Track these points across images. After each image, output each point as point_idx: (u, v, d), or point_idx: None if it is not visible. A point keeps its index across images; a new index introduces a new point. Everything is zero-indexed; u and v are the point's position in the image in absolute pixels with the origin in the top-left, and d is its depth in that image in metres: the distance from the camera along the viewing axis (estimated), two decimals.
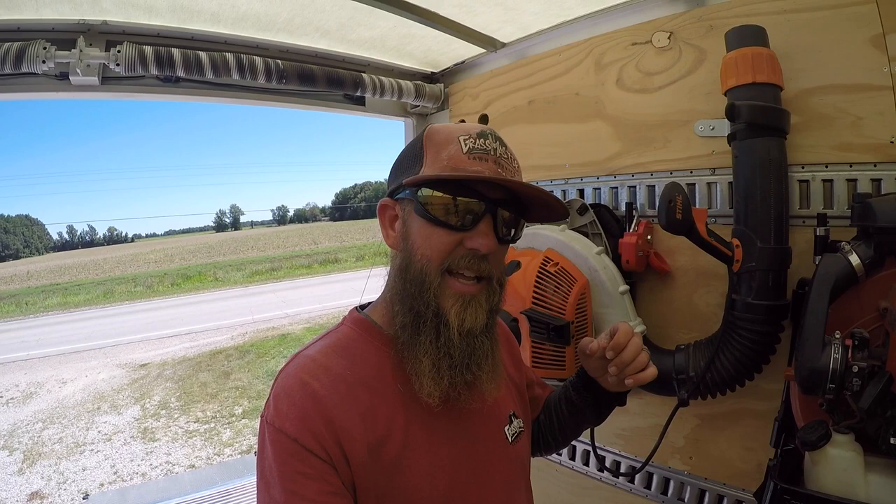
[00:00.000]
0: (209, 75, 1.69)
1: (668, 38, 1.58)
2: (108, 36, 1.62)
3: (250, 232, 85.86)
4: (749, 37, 1.32)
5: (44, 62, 1.47)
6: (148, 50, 1.59)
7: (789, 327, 1.32)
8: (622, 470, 1.79)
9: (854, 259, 1.10)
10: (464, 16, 1.80)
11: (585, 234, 1.65)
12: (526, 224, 0.90)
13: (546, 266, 1.49)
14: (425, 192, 0.80)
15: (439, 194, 0.79)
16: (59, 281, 29.91)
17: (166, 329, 13.76)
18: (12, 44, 1.44)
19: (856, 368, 0.98)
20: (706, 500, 1.62)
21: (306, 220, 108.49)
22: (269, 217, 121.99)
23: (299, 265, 27.63)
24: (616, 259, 1.59)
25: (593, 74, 1.77)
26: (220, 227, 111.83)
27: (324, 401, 0.76)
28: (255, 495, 0.76)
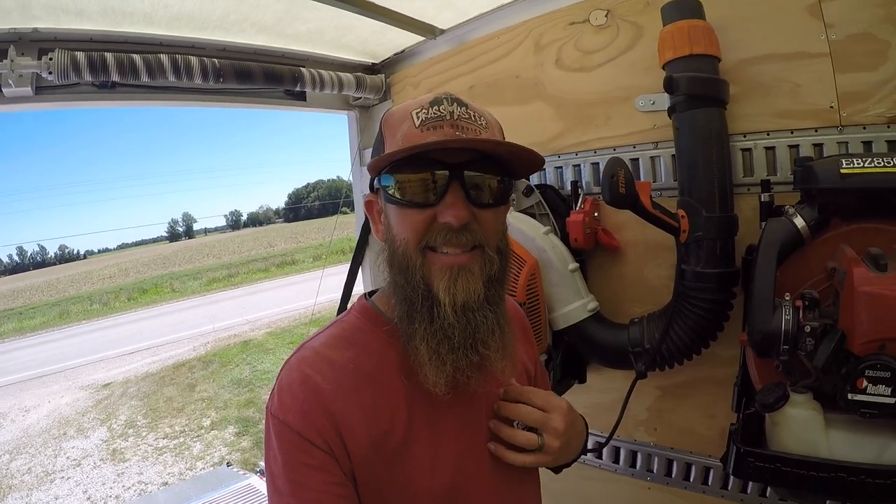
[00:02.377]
0: (144, 79, 1.62)
1: (606, 15, 1.59)
2: (40, 44, 1.56)
3: (205, 239, 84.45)
4: (685, 10, 1.34)
5: None
6: (80, 56, 1.50)
7: (741, 294, 1.34)
8: (589, 447, 1.80)
9: (799, 222, 1.12)
10: (400, 3, 1.77)
11: (532, 216, 1.65)
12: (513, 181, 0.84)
13: None
14: (387, 177, 0.77)
15: (401, 175, 0.76)
16: (13, 306, 28.77)
17: (126, 346, 13.47)
18: None
19: (808, 329, 1.00)
20: (674, 468, 1.65)
21: (261, 223, 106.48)
22: (223, 223, 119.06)
23: (256, 269, 27.35)
24: (564, 238, 1.59)
25: (532, 56, 1.77)
26: (173, 236, 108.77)
27: (325, 394, 0.74)
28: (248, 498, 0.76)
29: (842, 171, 1.02)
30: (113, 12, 1.57)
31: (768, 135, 1.37)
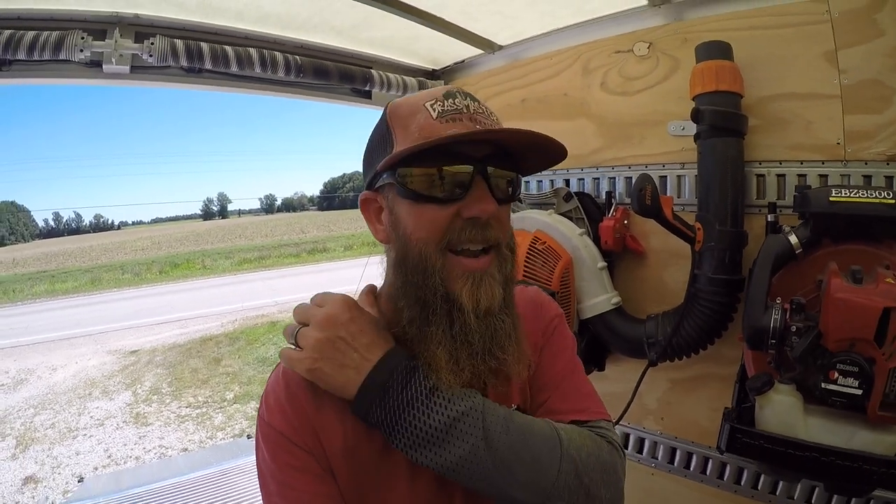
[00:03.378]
0: (234, 68, 1.82)
1: (648, 47, 1.79)
2: (137, 28, 1.73)
3: (238, 220, 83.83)
4: (714, 51, 1.54)
5: (81, 51, 1.57)
6: (179, 43, 1.71)
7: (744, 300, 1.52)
8: None
9: (793, 238, 1.32)
10: (466, 21, 1.98)
11: (570, 219, 1.86)
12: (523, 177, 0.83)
13: (535, 244, 1.71)
14: (405, 171, 0.73)
15: (421, 169, 0.72)
16: (47, 268, 29.19)
17: (155, 316, 13.55)
18: (51, 32, 1.53)
19: (794, 328, 1.20)
20: (677, 456, 1.84)
21: (294, 210, 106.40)
22: (257, 206, 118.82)
23: (287, 254, 27.26)
24: (596, 240, 1.80)
25: (580, 78, 1.97)
26: (207, 214, 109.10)
27: (300, 398, 0.76)
28: (251, 476, 0.82)
29: (831, 198, 1.23)
30: (209, 7, 1.75)
31: (781, 164, 1.56)
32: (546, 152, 0.77)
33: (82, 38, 1.58)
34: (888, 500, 1.39)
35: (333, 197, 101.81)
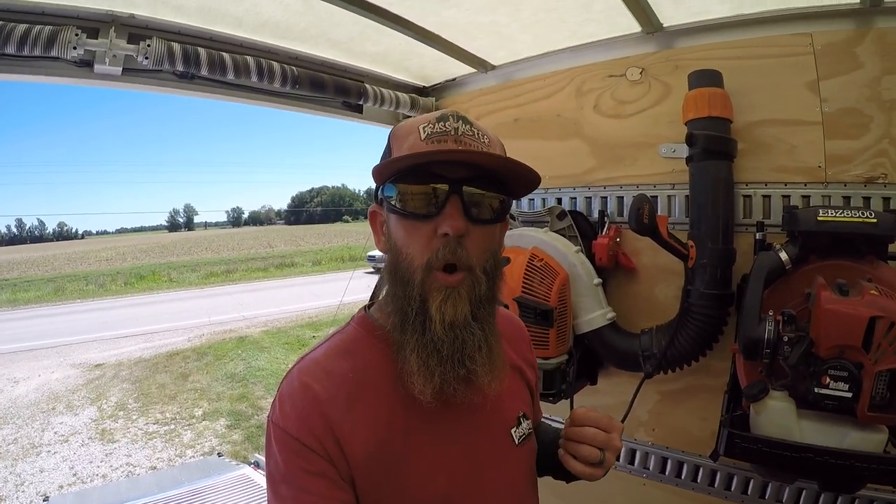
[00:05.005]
0: (231, 76, 1.79)
1: (640, 73, 1.87)
2: (131, 29, 1.67)
3: (204, 233, 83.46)
4: (707, 78, 1.62)
5: (74, 48, 1.50)
6: (176, 47, 1.65)
7: (734, 314, 1.60)
8: None
9: (783, 255, 1.39)
10: (464, 39, 2.03)
11: (563, 237, 1.90)
12: (511, 201, 0.87)
13: (533, 261, 1.74)
14: (391, 187, 0.79)
15: (403, 186, 0.78)
16: (8, 277, 28.29)
17: (121, 329, 13.32)
18: (44, 27, 1.46)
19: (786, 338, 1.26)
20: (668, 466, 1.88)
21: (261, 223, 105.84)
22: (224, 218, 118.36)
23: (255, 268, 27.24)
24: (590, 257, 1.85)
25: (574, 99, 2.04)
26: (173, 226, 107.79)
27: (324, 404, 0.77)
28: (224, 496, 0.81)
29: (818, 217, 1.31)
30: (208, 11, 1.72)
31: (766, 185, 1.65)
32: (520, 176, 0.81)
33: (76, 34, 1.51)
34: (871, 499, 1.49)
35: (301, 211, 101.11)
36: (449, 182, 0.76)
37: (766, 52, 1.64)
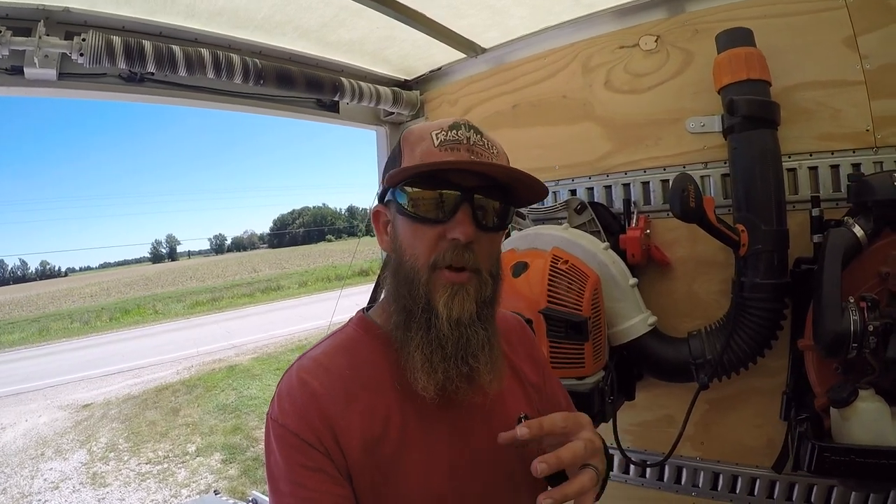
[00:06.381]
0: (182, 72, 1.55)
1: (656, 41, 1.67)
2: (68, 26, 1.46)
3: (188, 262, 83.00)
4: (738, 38, 1.44)
5: None
6: (116, 40, 1.42)
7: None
8: (636, 463, 1.77)
9: (858, 231, 1.22)
10: (451, 18, 1.81)
11: (587, 232, 1.67)
12: (515, 209, 0.90)
13: (557, 264, 1.47)
14: (402, 191, 0.81)
15: (415, 190, 0.81)
16: None
17: (107, 366, 13.02)
18: None
19: (871, 328, 1.08)
20: (720, 482, 1.67)
21: (245, 248, 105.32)
22: (207, 246, 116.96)
23: (241, 294, 26.88)
24: (620, 254, 1.62)
25: (580, 77, 1.83)
26: (156, 257, 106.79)
27: (322, 400, 0.78)
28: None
29: None
30: (155, 0, 1.51)
31: (811, 155, 1.47)
32: (528, 188, 0.83)
33: (0, 32, 1.31)
34: None
35: (284, 234, 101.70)
36: (462, 190, 0.79)
37: (794, 10, 1.48)
